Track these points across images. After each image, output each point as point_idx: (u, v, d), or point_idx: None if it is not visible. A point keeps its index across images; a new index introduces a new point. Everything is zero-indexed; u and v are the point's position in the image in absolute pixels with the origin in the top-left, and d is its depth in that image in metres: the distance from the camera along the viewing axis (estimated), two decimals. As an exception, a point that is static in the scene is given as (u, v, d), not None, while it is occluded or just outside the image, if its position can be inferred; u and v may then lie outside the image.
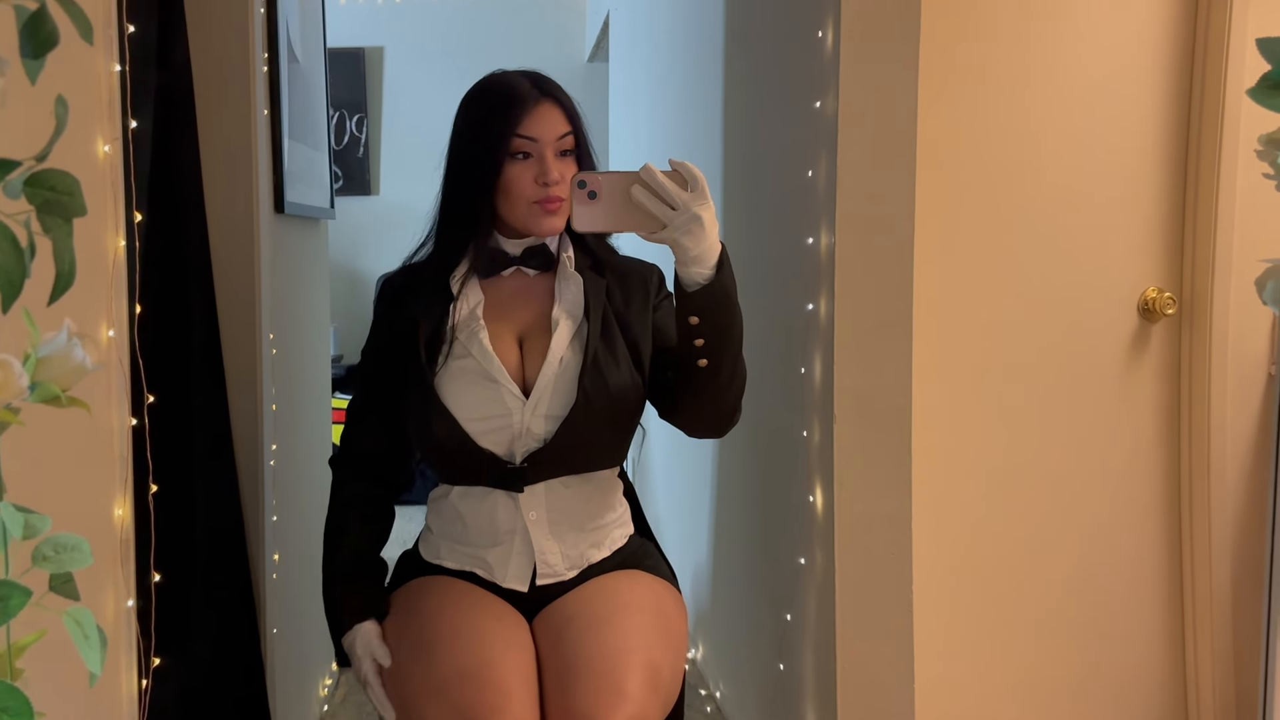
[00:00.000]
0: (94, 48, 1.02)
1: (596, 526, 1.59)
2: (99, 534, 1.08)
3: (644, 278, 1.62)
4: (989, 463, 2.16)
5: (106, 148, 1.08)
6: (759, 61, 2.22)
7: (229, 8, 1.85)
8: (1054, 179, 2.12)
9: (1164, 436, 2.21)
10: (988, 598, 2.18)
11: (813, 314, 1.85)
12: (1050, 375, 2.16)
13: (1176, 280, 2.17)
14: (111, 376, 1.08)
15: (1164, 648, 2.25)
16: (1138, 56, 2.12)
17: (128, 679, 1.13)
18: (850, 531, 1.77)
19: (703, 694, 2.77)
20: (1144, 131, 2.14)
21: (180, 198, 1.68)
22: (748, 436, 2.25)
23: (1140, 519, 2.21)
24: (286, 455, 2.17)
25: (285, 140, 2.09)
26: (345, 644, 1.54)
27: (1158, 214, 2.16)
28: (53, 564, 0.78)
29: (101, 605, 1.08)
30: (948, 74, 2.06)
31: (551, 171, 1.49)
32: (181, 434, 1.67)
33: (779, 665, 2.11)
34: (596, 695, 1.37)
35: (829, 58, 1.77)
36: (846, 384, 1.76)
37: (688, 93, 3.00)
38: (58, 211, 0.73)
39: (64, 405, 0.75)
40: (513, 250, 1.58)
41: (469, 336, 1.53)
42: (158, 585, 1.30)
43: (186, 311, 1.70)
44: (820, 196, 1.82)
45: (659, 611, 1.54)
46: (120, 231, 1.12)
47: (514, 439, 1.51)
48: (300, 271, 2.42)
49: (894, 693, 1.79)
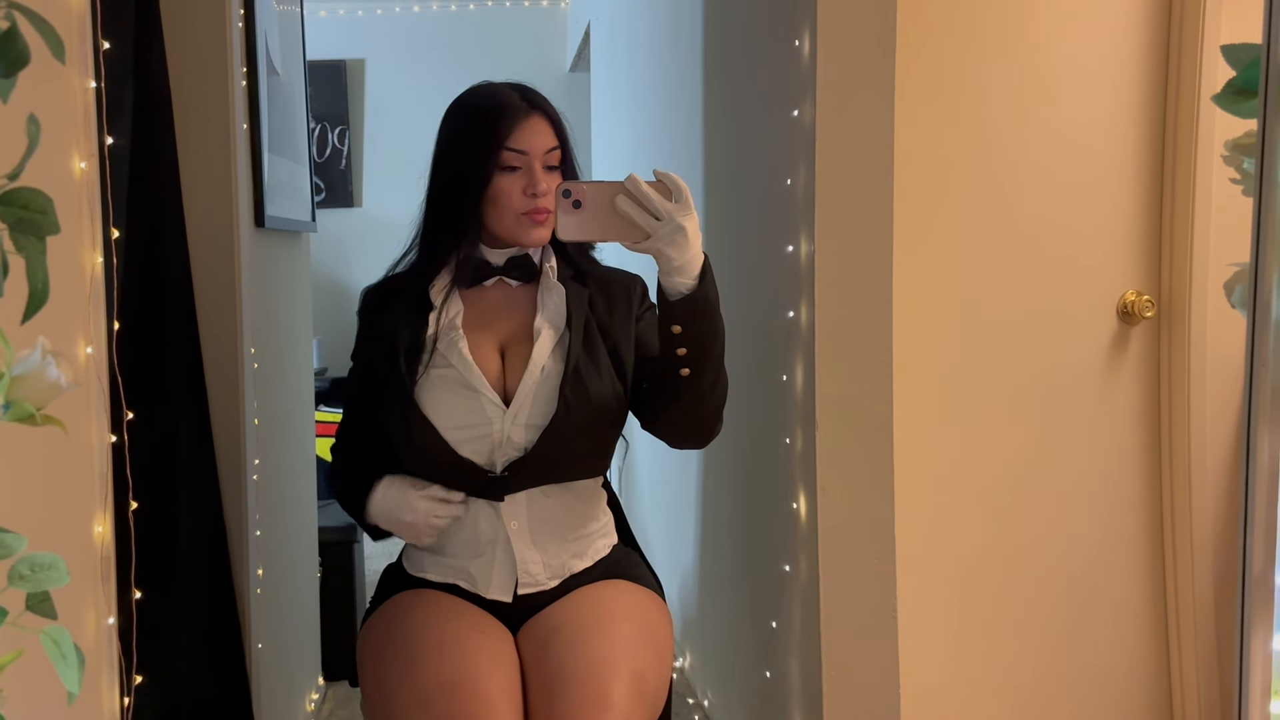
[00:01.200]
0: (67, 65, 1.02)
1: (579, 536, 1.59)
2: (79, 552, 1.07)
3: (627, 288, 1.62)
4: (971, 467, 2.17)
5: (83, 164, 1.08)
6: (738, 70, 2.23)
7: (206, 22, 1.84)
8: (1032, 185, 2.14)
9: (1144, 438, 2.22)
10: (971, 602, 2.19)
11: (794, 321, 1.86)
12: (1031, 379, 2.18)
13: (1155, 283, 2.19)
14: (90, 394, 1.08)
15: (1148, 648, 2.26)
16: (1113, 63, 2.14)
17: (109, 697, 1.12)
18: (834, 538, 1.78)
19: (690, 702, 2.76)
20: (1121, 137, 2.16)
21: (159, 213, 1.68)
22: (731, 444, 2.26)
23: (1122, 520, 2.23)
24: (270, 469, 2.17)
25: (265, 154, 2.08)
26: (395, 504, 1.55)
27: (1135, 219, 2.18)
28: (29, 583, 0.78)
29: (82, 623, 1.07)
30: (926, 81, 2.07)
31: (540, 183, 1.51)
32: (163, 450, 1.67)
33: (765, 672, 2.12)
34: (582, 705, 1.37)
35: (806, 66, 1.78)
36: (828, 391, 1.76)
37: (668, 102, 3.01)
38: (30, 230, 0.72)
39: (39, 424, 0.75)
40: (496, 260, 1.58)
41: (448, 346, 1.54)
42: (139, 602, 1.30)
43: (166, 327, 1.70)
44: (799, 204, 1.82)
45: (644, 620, 1.54)
46: (98, 248, 1.12)
47: (494, 448, 1.51)
48: (282, 285, 2.41)
49: (879, 697, 1.80)
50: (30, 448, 0.96)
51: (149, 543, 1.37)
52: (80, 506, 1.08)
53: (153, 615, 1.36)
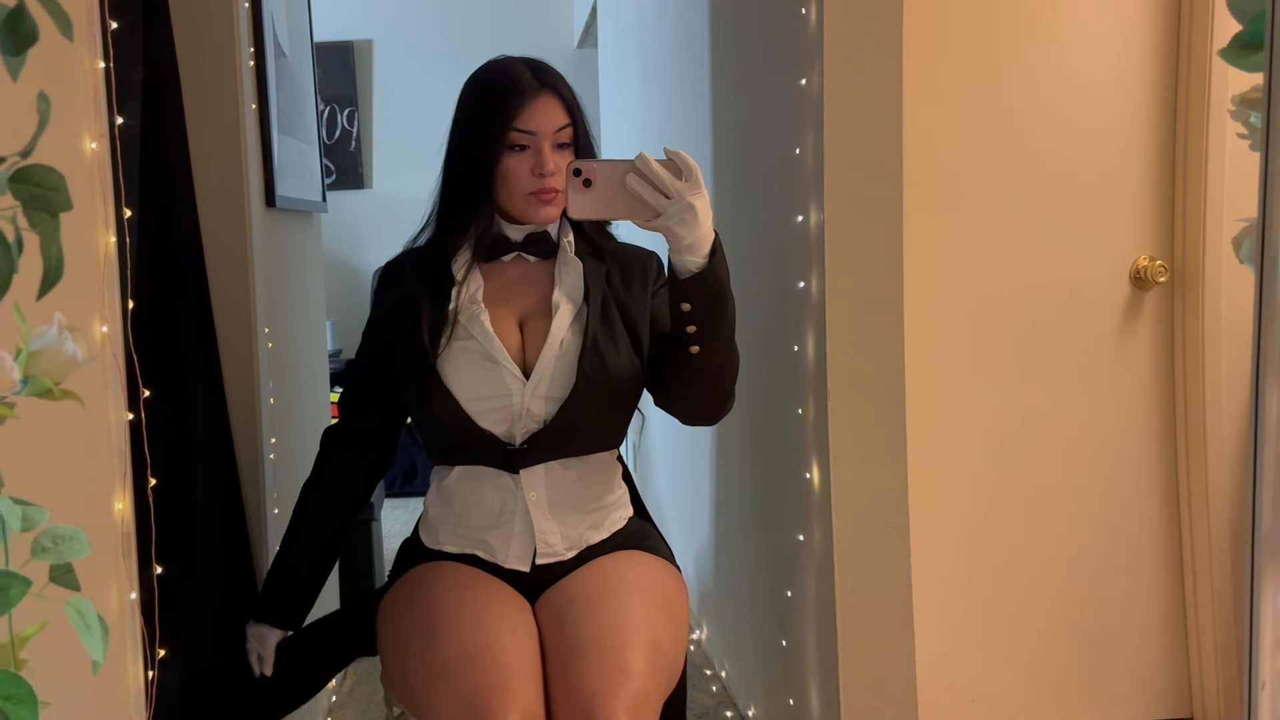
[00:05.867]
0: (76, 45, 1.02)
1: (596, 508, 1.61)
2: (100, 528, 1.08)
3: (643, 264, 1.63)
4: (988, 434, 2.17)
5: (94, 144, 1.08)
6: (745, 40, 2.23)
7: (213, 3, 1.84)
8: (1043, 152, 2.13)
9: (1159, 402, 2.22)
10: (989, 569, 2.19)
11: (804, 291, 1.86)
12: (1046, 346, 2.17)
13: (1168, 248, 2.18)
14: (106, 371, 1.09)
15: (1164, 610, 2.26)
16: (1124, 27, 2.12)
17: (134, 670, 1.14)
18: (847, 507, 1.78)
19: (708, 674, 2.78)
20: (1132, 101, 2.14)
21: (171, 192, 1.69)
22: (744, 416, 2.26)
23: (1138, 484, 2.23)
24: (285, 449, 2.18)
25: (274, 134, 2.09)
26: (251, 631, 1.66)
27: (1147, 184, 2.16)
28: (52, 555, 0.79)
29: (105, 598, 1.09)
30: (936, 52, 2.06)
31: (547, 163, 1.51)
32: (180, 428, 1.68)
33: (781, 642, 2.13)
34: (600, 673, 1.38)
35: (813, 35, 1.77)
36: (839, 360, 1.76)
37: (676, 75, 3.00)
38: (44, 206, 0.73)
39: (57, 399, 0.76)
40: (515, 236, 1.60)
41: (470, 319, 1.55)
42: (160, 578, 1.31)
43: (181, 306, 1.71)
44: (808, 174, 1.82)
45: (660, 590, 1.55)
46: (111, 228, 1.12)
47: (514, 420, 1.53)
48: (294, 265, 2.42)
49: (894, 665, 1.81)
50: (50, 425, 0.97)
51: (168, 519, 1.39)
52: (100, 483, 1.09)
53: (174, 590, 1.38)
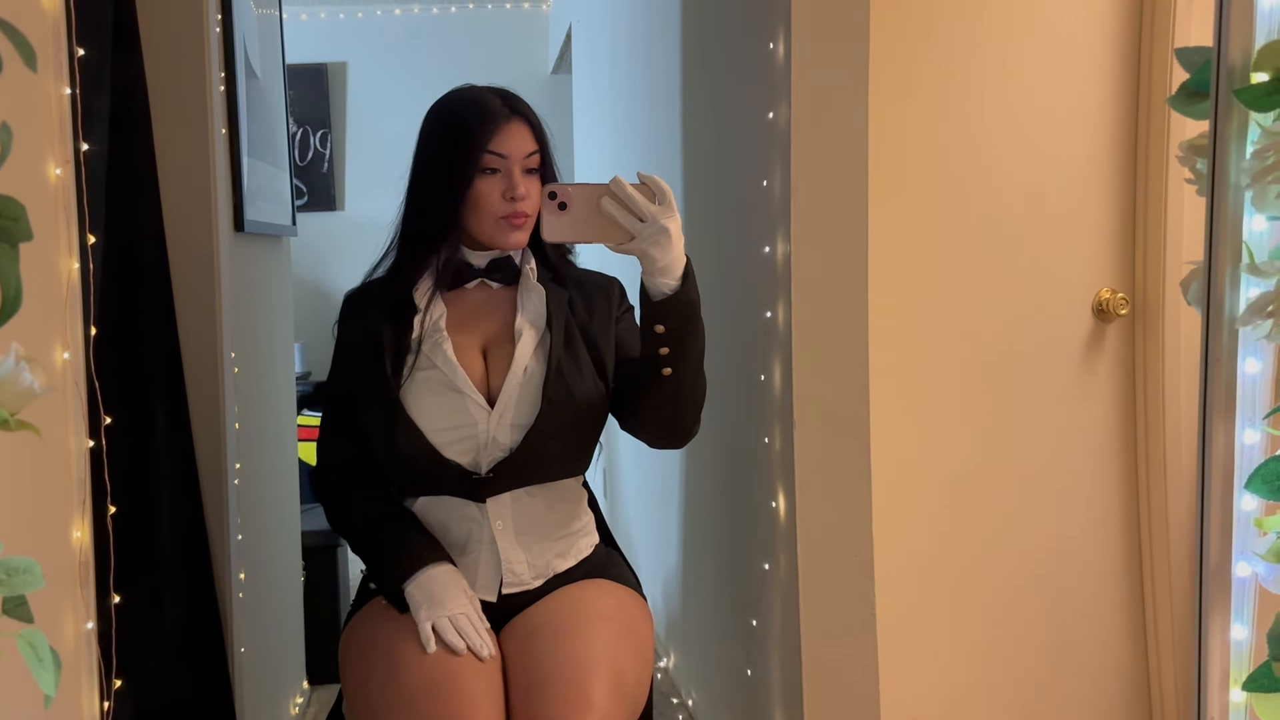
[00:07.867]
0: (41, 72, 1.02)
1: (562, 535, 1.61)
2: (57, 557, 1.07)
3: (605, 290, 1.64)
4: (951, 465, 2.19)
5: (58, 171, 1.08)
6: (714, 73, 2.25)
7: (183, 26, 1.84)
8: (1007, 184, 2.16)
9: (1121, 434, 2.24)
10: (952, 598, 2.20)
11: (771, 322, 1.87)
12: (1008, 377, 2.20)
13: (1129, 281, 2.21)
14: (67, 399, 1.08)
15: (1126, 640, 2.28)
16: (1085, 63, 2.16)
17: (89, 700, 1.13)
18: (813, 536, 1.79)
19: (675, 702, 2.78)
20: (1093, 137, 2.18)
21: (138, 219, 1.68)
22: (712, 444, 2.27)
23: (1100, 515, 2.25)
24: (251, 473, 2.17)
25: (244, 158, 2.09)
26: (417, 588, 1.49)
27: (1109, 217, 2.20)
28: (5, 587, 0.78)
29: (60, 628, 1.08)
30: (901, 81, 2.09)
31: (519, 187, 1.52)
32: (143, 455, 1.67)
33: (747, 670, 2.13)
34: (562, 704, 1.38)
35: (780, 69, 1.79)
36: (805, 391, 1.78)
37: (648, 104, 3.02)
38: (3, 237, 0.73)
39: (13, 429, 0.76)
40: (478, 262, 1.60)
41: (433, 348, 1.55)
42: (119, 606, 1.30)
43: (145, 332, 1.70)
44: (775, 206, 1.84)
45: (625, 620, 1.55)
46: (74, 254, 1.12)
47: (480, 449, 1.53)
48: (262, 289, 2.41)
49: (859, 694, 1.81)
50: (5, 455, 0.96)
51: (129, 547, 1.37)
52: (58, 511, 1.08)
53: (133, 619, 1.36)
